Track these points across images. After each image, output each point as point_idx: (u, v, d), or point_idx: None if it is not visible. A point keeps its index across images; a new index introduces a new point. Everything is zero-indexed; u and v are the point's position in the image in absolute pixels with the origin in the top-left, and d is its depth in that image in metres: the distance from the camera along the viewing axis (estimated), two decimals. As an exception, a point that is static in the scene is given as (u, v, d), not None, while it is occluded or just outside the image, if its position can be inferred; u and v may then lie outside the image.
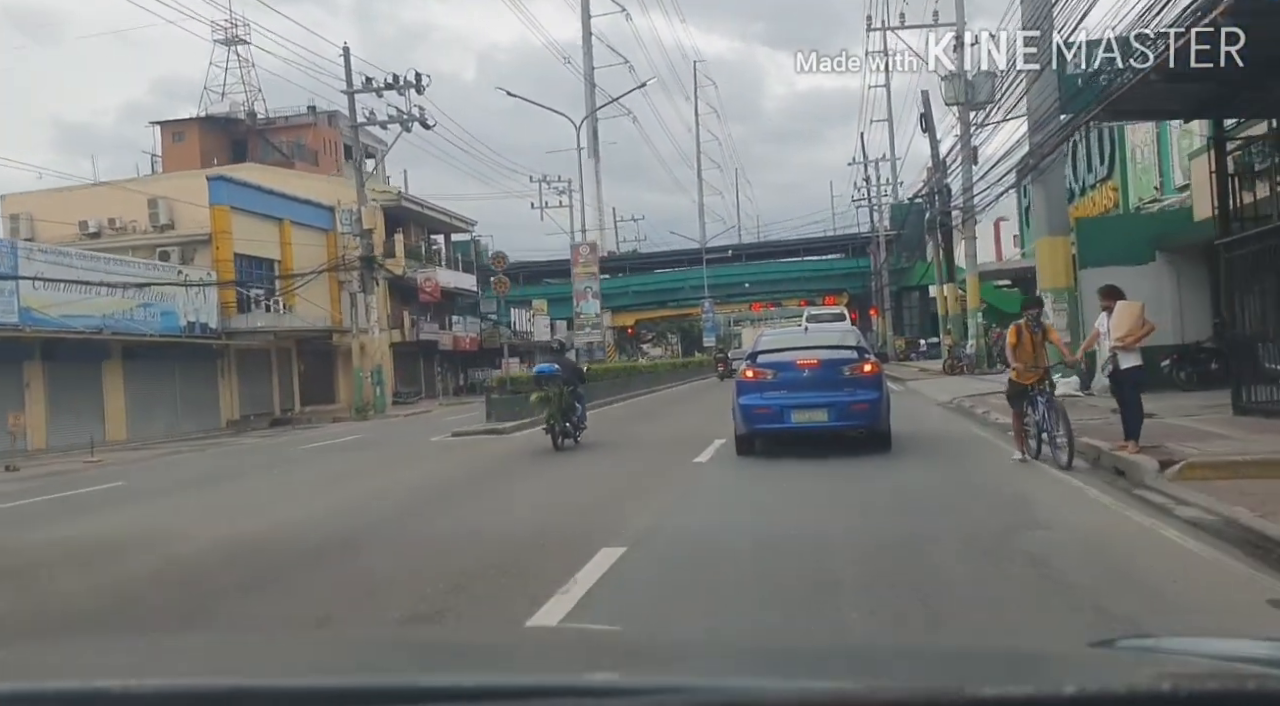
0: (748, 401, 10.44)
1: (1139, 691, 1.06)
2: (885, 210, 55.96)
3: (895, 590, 4.92)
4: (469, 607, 4.97)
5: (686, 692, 1.13)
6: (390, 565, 6.34)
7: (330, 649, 1.99)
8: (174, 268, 29.71)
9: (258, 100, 52.01)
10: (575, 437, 13.65)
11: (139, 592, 6.03)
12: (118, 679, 1.29)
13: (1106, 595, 4.71)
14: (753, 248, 63.28)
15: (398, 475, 11.99)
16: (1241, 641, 1.62)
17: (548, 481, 10.44)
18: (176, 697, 1.22)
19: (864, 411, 10.21)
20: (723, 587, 5.22)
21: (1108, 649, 1.50)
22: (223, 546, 7.37)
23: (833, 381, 10.28)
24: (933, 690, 1.07)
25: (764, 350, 11.25)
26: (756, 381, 10.53)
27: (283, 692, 1.21)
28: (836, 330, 15.25)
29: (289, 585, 6.00)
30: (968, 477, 8.91)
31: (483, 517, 8.21)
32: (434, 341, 40.66)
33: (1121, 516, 6.73)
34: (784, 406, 10.21)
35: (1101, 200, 35.03)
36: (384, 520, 8.34)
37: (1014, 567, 5.31)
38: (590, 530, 6.90)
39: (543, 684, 1.23)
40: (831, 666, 1.47)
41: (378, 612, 5.06)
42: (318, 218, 37.22)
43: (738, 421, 10.64)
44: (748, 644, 2.11)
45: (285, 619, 5.12)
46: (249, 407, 32.34)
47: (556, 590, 5.07)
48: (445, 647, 1.90)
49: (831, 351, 10.83)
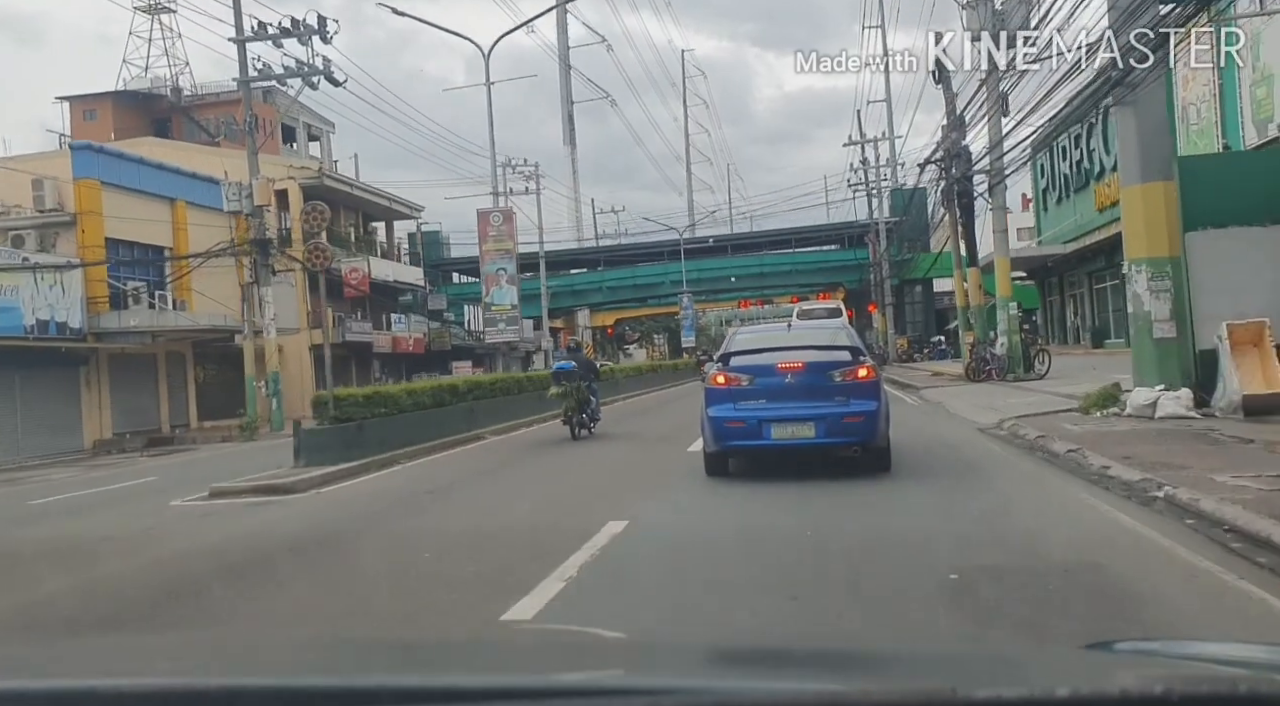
0: (718, 413, 9.07)
1: (1131, 694, 1.05)
2: (885, 196, 50.64)
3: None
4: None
5: (676, 694, 1.14)
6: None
7: (322, 647, 2.02)
8: (17, 254, 24.20)
9: (184, 74, 46.67)
10: (590, 428, 15.06)
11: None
12: (104, 678, 1.32)
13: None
14: (738, 238, 57.66)
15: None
16: (1236, 645, 1.73)
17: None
18: (163, 696, 1.21)
19: (859, 425, 8.79)
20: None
21: (1101, 651, 1.54)
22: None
23: (821, 389, 8.90)
24: (926, 692, 1.07)
25: (738, 351, 9.66)
26: (728, 389, 9.13)
27: (287, 691, 1.23)
28: (826, 327, 13.04)
29: None
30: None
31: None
32: (367, 343, 35.17)
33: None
34: (762, 419, 8.87)
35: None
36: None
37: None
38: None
39: (534, 685, 1.26)
40: (824, 667, 1.50)
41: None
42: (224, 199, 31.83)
43: (706, 437, 9.34)
44: (738, 644, 2.14)
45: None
46: (126, 424, 26.87)
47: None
48: (437, 648, 1.94)
49: (820, 352, 9.30)
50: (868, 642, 2.53)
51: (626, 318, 67.51)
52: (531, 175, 52.27)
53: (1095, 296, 38.16)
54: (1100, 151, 33.45)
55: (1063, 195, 38.89)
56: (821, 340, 9.89)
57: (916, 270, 48.89)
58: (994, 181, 20.57)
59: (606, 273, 55.41)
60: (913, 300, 54.45)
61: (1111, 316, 36.61)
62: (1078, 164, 36.58)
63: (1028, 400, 14.96)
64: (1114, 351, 33.92)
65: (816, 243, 55.19)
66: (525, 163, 52.35)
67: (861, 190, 50.10)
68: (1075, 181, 36.89)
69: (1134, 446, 8.65)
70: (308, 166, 33.81)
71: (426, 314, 40.61)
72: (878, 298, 48.91)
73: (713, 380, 9.35)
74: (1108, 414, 11.80)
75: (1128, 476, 7.17)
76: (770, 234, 56.51)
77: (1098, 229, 33.43)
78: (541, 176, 52.17)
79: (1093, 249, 34.63)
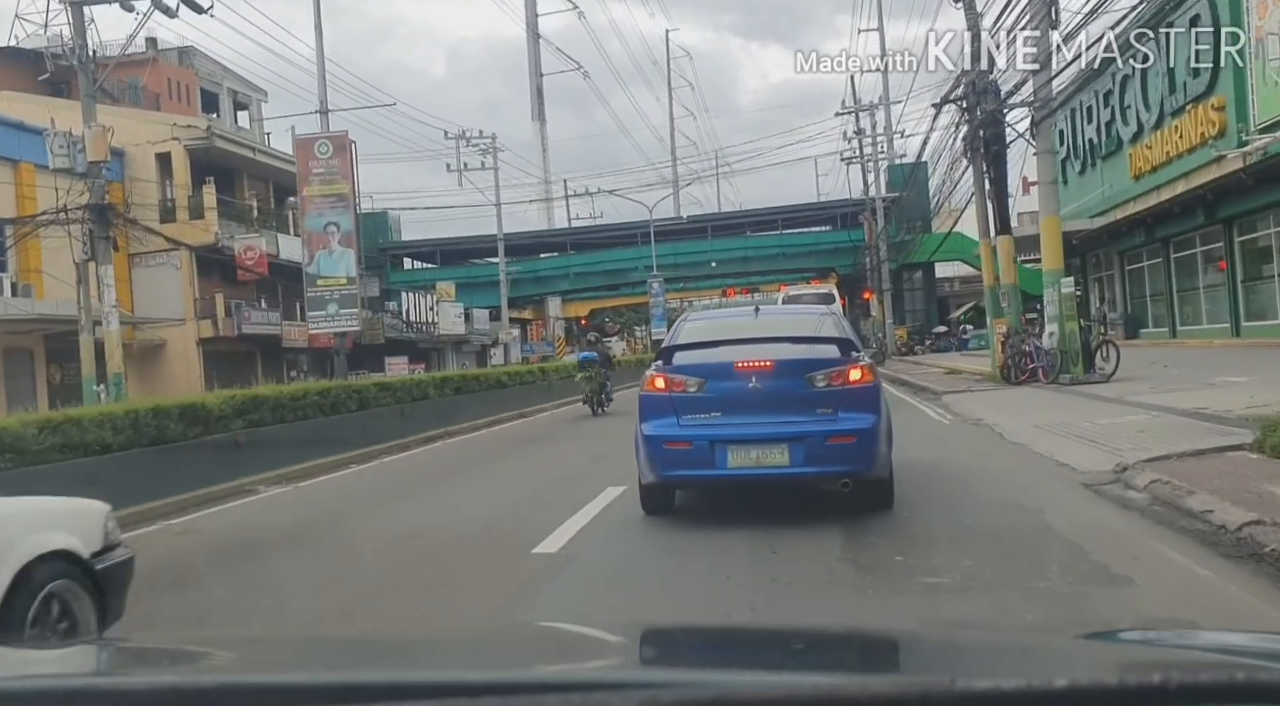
0: (655, 430, 6.67)
1: (1130, 683, 1.05)
2: (881, 172, 45.43)
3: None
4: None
5: (674, 688, 1.11)
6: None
7: (321, 644, 2.00)
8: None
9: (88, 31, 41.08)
10: (605, 408, 17.93)
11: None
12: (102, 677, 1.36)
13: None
14: (719, 219, 52.15)
15: None
16: (1237, 635, 1.69)
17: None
18: (162, 694, 1.21)
19: (850, 448, 6.32)
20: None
21: (1101, 641, 1.52)
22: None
23: (798, 397, 6.47)
24: (924, 683, 1.07)
25: (685, 344, 7.15)
26: (669, 396, 6.71)
27: (287, 688, 1.22)
28: (808, 313, 9.99)
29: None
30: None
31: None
32: (274, 335, 29.74)
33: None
34: (715, 439, 6.47)
35: (1193, 128, 24.49)
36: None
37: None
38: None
39: (533, 680, 1.26)
40: (822, 658, 1.50)
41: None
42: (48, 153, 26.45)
43: (640, 463, 6.85)
44: (734, 635, 2.11)
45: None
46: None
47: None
48: (435, 643, 1.95)
49: (797, 347, 6.91)
50: (866, 633, 2.32)
51: (604, 307, 62.29)
52: (488, 148, 47.07)
53: (1129, 279, 32.96)
54: (1138, 107, 28.21)
55: (1086, 164, 33.71)
56: (800, 329, 7.48)
57: (917, 253, 43.66)
58: (1039, 116, 15.22)
59: (574, 257, 49.99)
60: (912, 287, 49.30)
61: (1149, 302, 31.46)
62: (1107, 125, 31.35)
63: (1125, 420, 9.70)
64: (1157, 342, 28.94)
65: (806, 223, 49.82)
66: (481, 135, 47.25)
67: (855, 163, 44.85)
68: (1105, 146, 31.65)
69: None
70: (195, 126, 28.27)
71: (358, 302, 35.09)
72: (874, 283, 43.62)
73: (649, 384, 6.99)
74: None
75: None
76: (754, 213, 51.05)
77: (1132, 200, 28.45)
78: (500, 150, 47.01)
79: (1126, 223, 29.51)
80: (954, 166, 22.37)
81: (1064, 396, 13.29)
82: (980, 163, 18.19)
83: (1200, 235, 26.57)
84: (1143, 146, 27.96)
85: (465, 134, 46.54)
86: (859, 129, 44.21)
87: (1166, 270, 29.09)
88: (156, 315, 26.96)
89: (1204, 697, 0.99)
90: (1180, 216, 26.00)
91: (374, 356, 34.94)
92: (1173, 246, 28.51)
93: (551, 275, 49.68)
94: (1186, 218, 25.79)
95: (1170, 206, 25.54)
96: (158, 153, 27.22)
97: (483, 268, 50.84)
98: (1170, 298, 29.06)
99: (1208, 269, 26.82)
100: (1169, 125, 25.88)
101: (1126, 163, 29.26)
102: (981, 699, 0.98)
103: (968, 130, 18.18)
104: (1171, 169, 25.60)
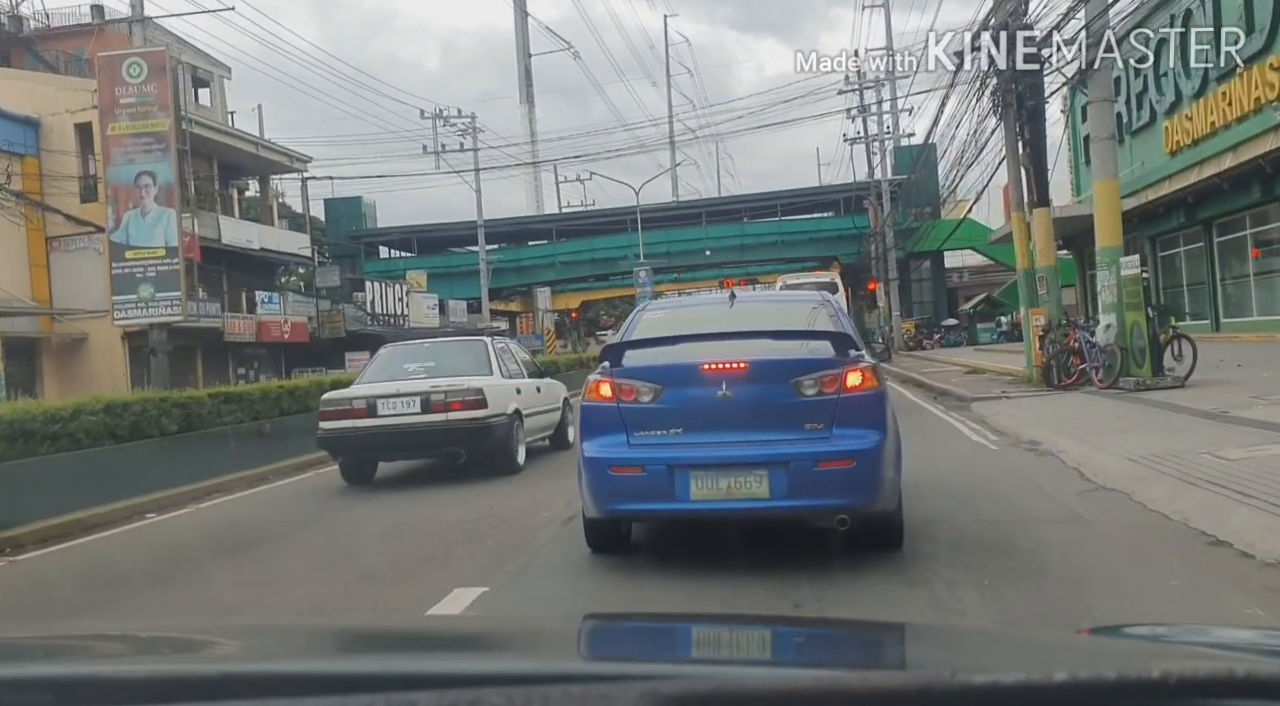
0: (599, 451, 5.40)
1: (1130, 677, 1.05)
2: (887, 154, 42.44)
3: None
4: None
5: (673, 680, 1.10)
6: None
7: (317, 632, 2.00)
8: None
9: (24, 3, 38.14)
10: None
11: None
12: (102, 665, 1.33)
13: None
14: (713, 203, 49.12)
15: None
16: (1240, 631, 1.66)
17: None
18: (164, 683, 1.20)
19: (846, 475, 5.09)
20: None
21: (1101, 636, 1.50)
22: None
23: (780, 408, 5.23)
24: (924, 677, 1.07)
25: (639, 340, 5.84)
26: (618, 407, 5.40)
27: (274, 677, 1.22)
28: (796, 301, 7.72)
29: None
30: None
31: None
32: (214, 329, 26.78)
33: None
34: (674, 463, 5.19)
35: (1243, 94, 21.49)
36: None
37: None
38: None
39: (532, 673, 1.25)
40: (821, 651, 1.50)
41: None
42: (9, 134, 23.59)
43: (584, 494, 5.55)
44: (731, 626, 2.07)
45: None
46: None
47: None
48: (438, 633, 1.95)
49: (779, 344, 5.50)
50: (866, 626, 2.34)
51: (596, 299, 59.35)
52: (466, 129, 44.01)
53: (1162, 265, 29.89)
54: (1177, 75, 25.13)
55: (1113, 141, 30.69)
56: (786, 322, 5.85)
57: (926, 241, 40.67)
58: (1095, 56, 12.16)
59: (560, 245, 47.01)
60: (920, 277, 46.37)
61: (1186, 291, 28.43)
62: (1138, 96, 28.27)
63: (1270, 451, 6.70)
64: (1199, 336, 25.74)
65: (807, 209, 46.82)
66: (460, 114, 44.21)
67: (859, 143, 41.80)
68: (1135, 120, 28.58)
69: None
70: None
71: (315, 293, 32.14)
72: (880, 273, 40.62)
73: (592, 392, 5.50)
74: None
75: None
76: (752, 198, 48.05)
77: (1166, 178, 25.49)
78: (480, 131, 43.96)
79: (1161, 204, 26.44)
80: (976, 135, 19.30)
81: (1136, 408, 10.29)
82: (1012, 121, 15.17)
83: (1251, 215, 23.56)
84: (1181, 117, 24.98)
85: (442, 113, 43.63)
86: (862, 105, 41.17)
87: (1208, 256, 26.05)
88: (77, 306, 24.07)
89: (1204, 692, 0.99)
90: (1230, 194, 22.98)
91: (336, 352, 32.10)
92: (1216, 229, 25.49)
93: (536, 264, 46.74)
94: (1238, 195, 22.77)
95: (1219, 183, 22.54)
96: (77, 123, 24.27)
97: (462, 256, 47.91)
98: (1212, 287, 26.01)
99: (1264, 253, 23.75)
100: (1214, 91, 22.89)
101: (1161, 137, 26.28)
102: (981, 693, 0.98)
103: (997, 82, 15.15)
104: (1218, 141, 22.63)
